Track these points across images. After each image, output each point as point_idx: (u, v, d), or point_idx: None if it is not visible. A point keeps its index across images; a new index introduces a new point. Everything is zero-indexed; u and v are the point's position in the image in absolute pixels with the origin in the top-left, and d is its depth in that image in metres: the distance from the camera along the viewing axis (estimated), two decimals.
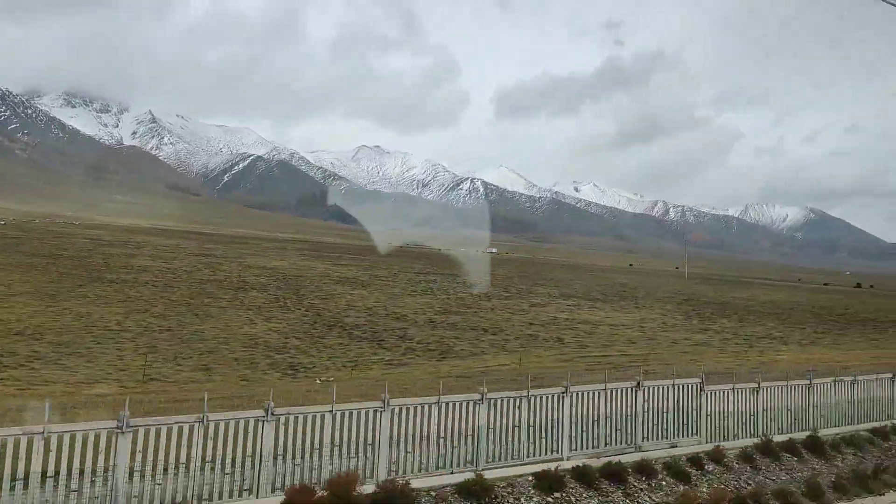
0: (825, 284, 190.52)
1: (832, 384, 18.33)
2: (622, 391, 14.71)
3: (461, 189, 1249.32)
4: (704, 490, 12.59)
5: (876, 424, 18.32)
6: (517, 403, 13.21)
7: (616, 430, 14.50)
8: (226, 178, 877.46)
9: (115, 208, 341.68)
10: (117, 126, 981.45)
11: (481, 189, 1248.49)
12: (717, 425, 16.02)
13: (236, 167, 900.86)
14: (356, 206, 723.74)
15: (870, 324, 66.49)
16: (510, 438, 13.05)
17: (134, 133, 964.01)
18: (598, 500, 11.66)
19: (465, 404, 12.62)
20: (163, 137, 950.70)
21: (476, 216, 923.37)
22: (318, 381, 33.10)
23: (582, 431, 14.04)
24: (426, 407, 12.21)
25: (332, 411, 11.15)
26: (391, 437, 11.73)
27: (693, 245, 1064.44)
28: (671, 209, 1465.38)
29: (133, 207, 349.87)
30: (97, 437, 9.18)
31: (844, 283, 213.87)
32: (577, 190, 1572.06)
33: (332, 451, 11.10)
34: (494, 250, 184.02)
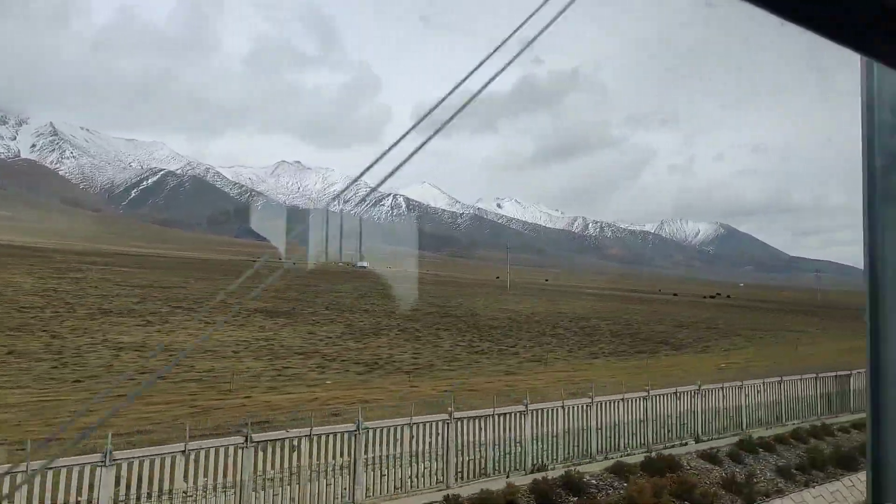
0: (710, 297, 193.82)
1: None
2: None
3: (384, 205, 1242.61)
4: None
5: None
6: None
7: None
8: (133, 194, 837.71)
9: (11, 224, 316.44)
10: (14, 139, 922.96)
11: (403, 205, 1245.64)
12: None
13: (145, 182, 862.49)
14: (270, 222, 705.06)
15: (645, 343, 56.50)
16: None
17: (33, 146, 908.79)
18: None
19: None
20: (64, 151, 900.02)
21: (400, 231, 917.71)
22: None
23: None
24: None
25: None
26: None
27: (611, 260, 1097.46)
28: (590, 225, 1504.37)
29: (16, 223, 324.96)
30: None
31: (736, 294, 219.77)
32: (499, 206, 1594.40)
33: None
34: (366, 264, 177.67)
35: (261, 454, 13.13)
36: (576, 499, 14.55)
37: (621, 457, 18.07)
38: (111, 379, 28.35)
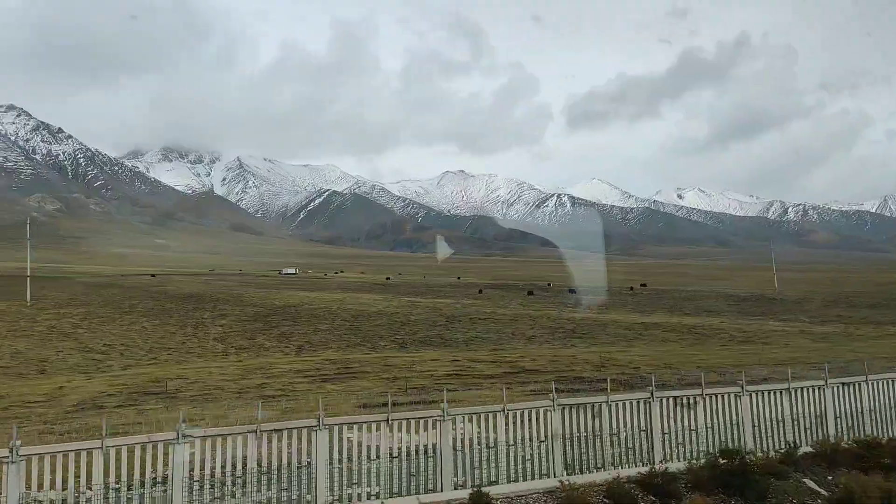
0: None
1: None
2: None
3: (547, 206, 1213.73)
4: None
5: None
6: None
7: None
8: (302, 216, 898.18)
9: (158, 250, 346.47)
10: (209, 175, 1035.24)
11: (568, 204, 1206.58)
12: None
13: (312, 204, 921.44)
14: (427, 232, 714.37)
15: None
16: None
17: (223, 180, 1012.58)
18: None
19: None
20: (247, 182, 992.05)
21: (557, 232, 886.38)
22: None
23: None
24: None
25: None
26: None
27: (814, 246, 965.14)
28: (790, 209, 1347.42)
29: (177, 248, 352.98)
30: None
31: None
32: (680, 197, 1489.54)
33: None
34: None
35: None
36: None
37: None
38: None
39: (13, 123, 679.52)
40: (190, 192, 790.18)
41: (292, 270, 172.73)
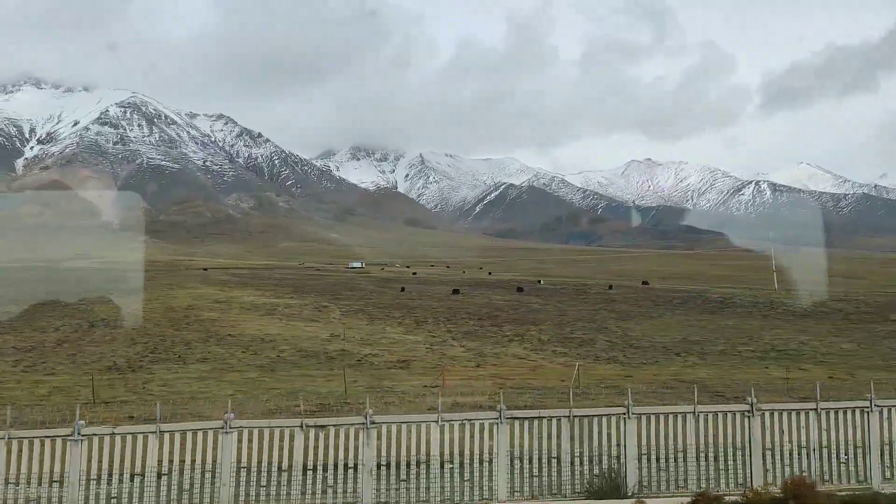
0: None
1: None
2: None
3: (743, 194, 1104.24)
4: None
5: None
6: None
7: None
8: (478, 209, 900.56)
9: (340, 242, 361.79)
10: (393, 171, 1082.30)
11: (768, 192, 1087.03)
12: None
13: (488, 197, 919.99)
14: (602, 224, 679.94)
15: None
16: None
17: (406, 176, 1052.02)
18: None
19: None
20: (428, 177, 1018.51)
21: (750, 222, 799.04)
22: None
23: None
24: None
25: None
26: None
27: None
28: None
29: (347, 241, 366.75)
30: None
31: None
32: None
33: None
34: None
35: None
36: None
37: None
38: None
39: (221, 131, 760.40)
40: (374, 188, 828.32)
41: (358, 264, 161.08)
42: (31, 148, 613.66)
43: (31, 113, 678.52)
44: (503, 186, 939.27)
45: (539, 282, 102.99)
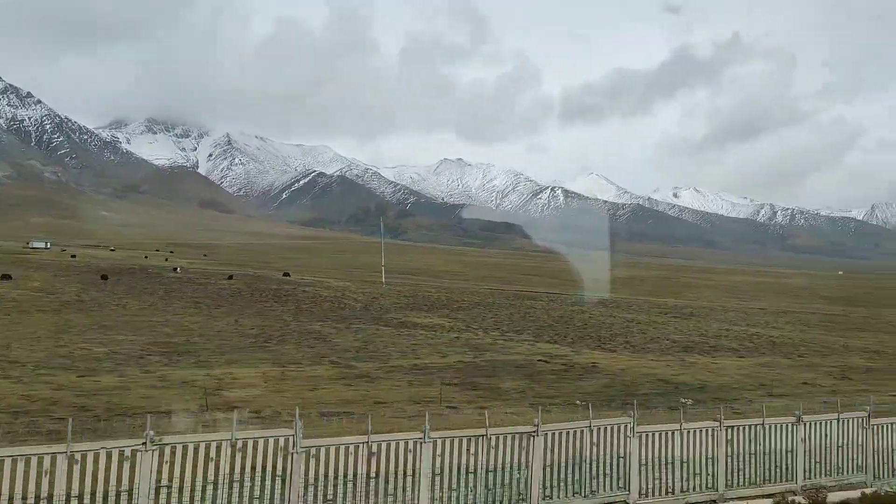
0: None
1: None
2: None
3: (540, 198, 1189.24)
4: None
5: None
6: None
7: None
8: (284, 196, 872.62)
9: (109, 221, 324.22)
10: (195, 150, 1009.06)
11: (561, 198, 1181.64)
12: None
13: (296, 185, 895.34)
14: (409, 219, 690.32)
15: None
16: None
17: (210, 155, 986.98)
18: None
19: None
20: (234, 158, 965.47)
21: (536, 225, 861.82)
22: None
23: None
24: None
25: None
26: None
27: (798, 250, 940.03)
28: (779, 213, 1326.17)
29: (117, 222, 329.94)
30: None
31: None
32: (675, 196, 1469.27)
33: None
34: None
35: None
36: None
37: None
38: None
39: None
40: (168, 165, 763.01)
41: (41, 244, 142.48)
42: None
43: None
44: (313, 174, 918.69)
45: (176, 269, 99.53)
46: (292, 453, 10.77)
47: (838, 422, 14.72)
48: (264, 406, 22.95)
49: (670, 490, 13.21)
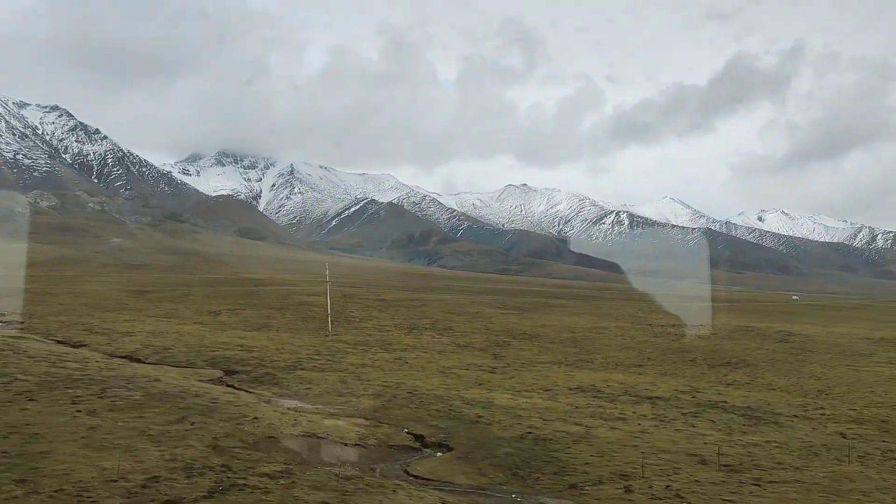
0: None
1: None
2: None
3: (604, 223, 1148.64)
4: None
5: None
6: None
7: None
8: (333, 223, 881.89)
9: (112, 246, 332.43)
10: (260, 180, 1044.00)
11: (626, 223, 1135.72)
12: None
13: (346, 212, 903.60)
14: (449, 245, 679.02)
15: None
16: None
17: (273, 185, 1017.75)
18: None
19: None
20: (294, 188, 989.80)
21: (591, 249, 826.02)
22: None
23: None
24: None
25: None
26: None
27: (891, 277, 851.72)
28: (878, 236, 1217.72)
29: (129, 246, 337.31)
30: None
31: None
32: (760, 220, 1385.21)
33: None
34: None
35: None
36: None
37: None
38: None
39: (52, 123, 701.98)
40: (213, 195, 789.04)
41: None
42: None
43: None
44: (363, 202, 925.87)
45: None
46: None
47: None
48: None
49: None
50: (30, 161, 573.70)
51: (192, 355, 59.24)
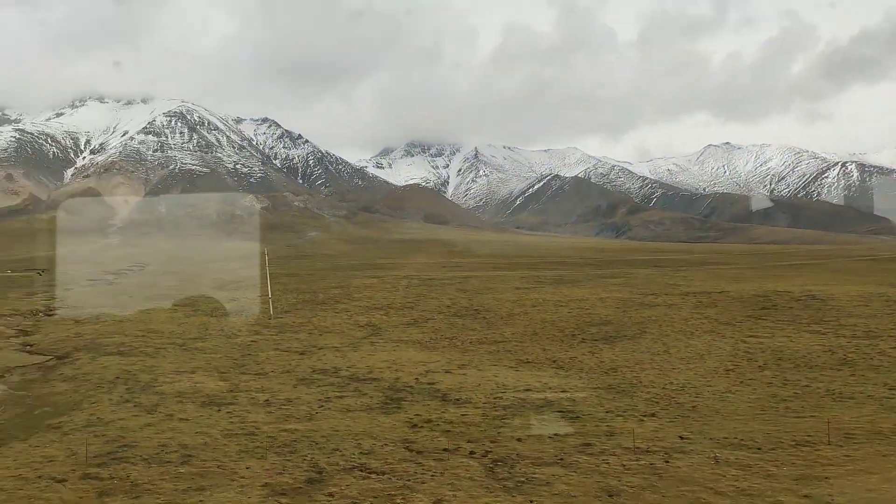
0: None
1: None
2: None
3: (826, 178, 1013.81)
4: None
5: None
6: None
7: None
8: (517, 202, 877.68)
9: (307, 239, 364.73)
10: (447, 167, 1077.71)
11: (855, 174, 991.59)
12: None
13: (530, 190, 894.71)
14: (638, 215, 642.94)
15: None
16: None
17: (459, 171, 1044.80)
18: None
19: None
20: (479, 171, 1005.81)
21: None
22: None
23: None
24: None
25: None
26: None
27: None
28: None
29: (322, 238, 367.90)
30: None
31: None
32: None
33: None
34: None
35: None
36: None
37: None
38: None
39: (264, 134, 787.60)
40: (403, 185, 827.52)
41: None
42: (83, 158, 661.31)
43: (90, 126, 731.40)
44: (547, 178, 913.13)
45: (41, 272, 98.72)
46: None
47: None
48: None
49: None
50: (246, 169, 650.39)
51: None
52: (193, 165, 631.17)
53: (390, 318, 67.76)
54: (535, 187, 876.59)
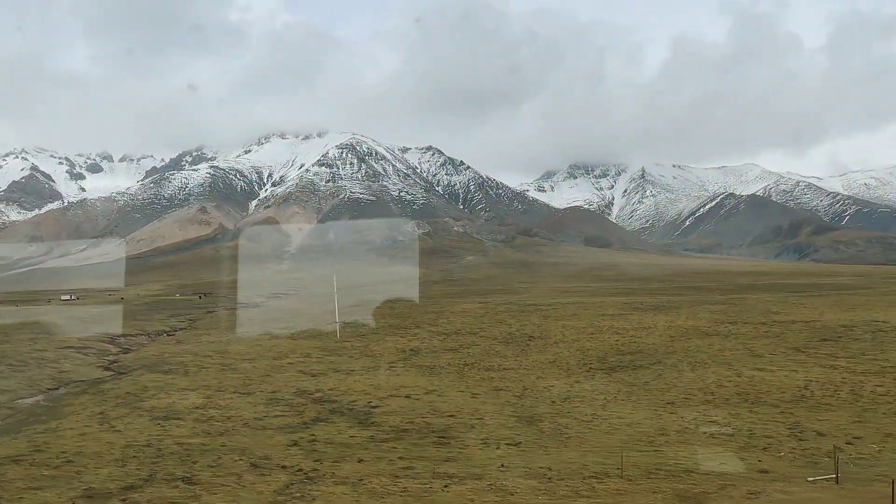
0: None
1: None
2: None
3: None
4: None
5: None
6: None
7: None
8: (687, 223, 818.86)
9: (458, 264, 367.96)
10: (612, 188, 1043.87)
11: None
12: None
13: (701, 210, 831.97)
14: (823, 236, 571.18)
15: None
16: None
17: (625, 191, 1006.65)
18: None
19: None
20: (646, 191, 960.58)
21: None
22: None
23: None
24: None
25: None
26: None
27: None
28: None
29: (466, 263, 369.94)
30: None
31: None
32: None
33: None
34: None
35: None
36: None
37: None
38: None
39: (428, 162, 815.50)
40: (564, 207, 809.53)
41: (67, 297, 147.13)
42: (266, 190, 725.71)
43: (272, 160, 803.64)
44: (720, 196, 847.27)
45: (201, 296, 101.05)
46: None
47: None
48: None
49: None
50: (410, 196, 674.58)
51: None
52: (361, 194, 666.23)
53: (434, 344, 66.38)
54: (707, 207, 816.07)
